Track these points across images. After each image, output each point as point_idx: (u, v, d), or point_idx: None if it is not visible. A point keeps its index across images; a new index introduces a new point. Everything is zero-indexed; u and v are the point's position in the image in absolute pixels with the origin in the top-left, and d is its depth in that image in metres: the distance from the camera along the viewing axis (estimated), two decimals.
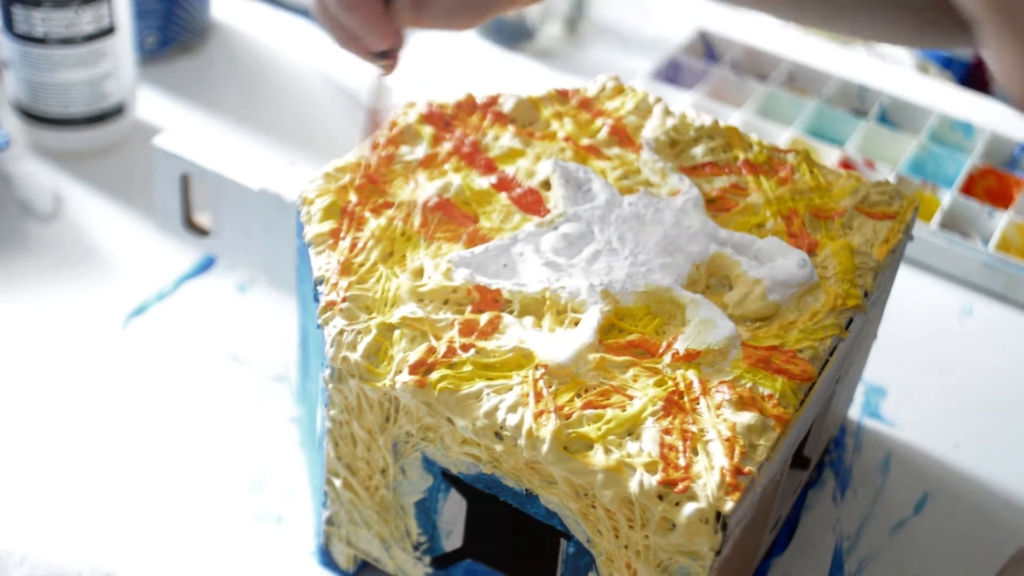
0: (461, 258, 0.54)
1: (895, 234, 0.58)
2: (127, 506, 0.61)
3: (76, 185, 0.80)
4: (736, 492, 0.46)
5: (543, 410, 0.48)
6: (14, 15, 0.76)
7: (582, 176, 0.59)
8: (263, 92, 0.92)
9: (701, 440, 0.47)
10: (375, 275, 0.53)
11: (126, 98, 0.82)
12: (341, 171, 0.58)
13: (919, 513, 0.65)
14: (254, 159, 0.68)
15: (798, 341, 0.52)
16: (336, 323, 0.51)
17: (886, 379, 0.72)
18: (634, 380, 0.50)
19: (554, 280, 0.53)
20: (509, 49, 0.99)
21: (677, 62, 0.96)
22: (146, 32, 0.90)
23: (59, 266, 0.74)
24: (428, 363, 0.49)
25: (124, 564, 0.58)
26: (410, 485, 0.53)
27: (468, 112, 0.63)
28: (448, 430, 0.49)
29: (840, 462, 0.67)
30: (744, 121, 0.88)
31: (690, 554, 0.46)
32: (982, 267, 0.79)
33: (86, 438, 0.64)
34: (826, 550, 0.62)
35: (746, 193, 0.60)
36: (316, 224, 0.55)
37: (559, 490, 0.48)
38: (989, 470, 0.68)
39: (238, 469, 0.63)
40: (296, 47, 0.97)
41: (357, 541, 0.57)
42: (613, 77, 0.66)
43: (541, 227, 0.56)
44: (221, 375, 0.68)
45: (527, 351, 0.50)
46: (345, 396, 0.51)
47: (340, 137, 0.87)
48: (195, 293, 0.73)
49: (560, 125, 0.63)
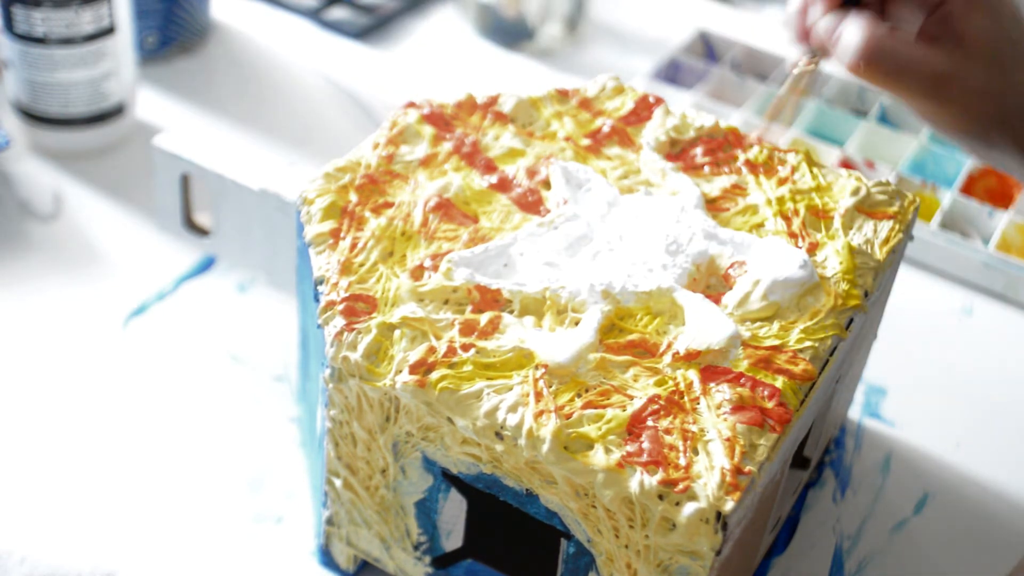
0: (461, 258, 0.54)
1: (895, 234, 0.58)
2: (127, 506, 0.61)
3: (76, 185, 0.80)
4: (736, 492, 0.46)
5: (543, 410, 0.48)
6: (14, 15, 0.76)
7: (582, 176, 0.59)
8: (263, 92, 0.92)
9: (701, 440, 0.47)
10: (375, 275, 0.53)
11: (126, 98, 0.82)
12: (341, 171, 0.58)
13: (919, 513, 0.65)
14: (254, 159, 0.68)
15: (799, 341, 0.52)
16: (336, 323, 0.51)
17: (886, 379, 0.72)
18: (634, 380, 0.50)
19: (554, 280, 0.53)
20: (509, 49, 0.99)
21: (677, 62, 0.96)
22: (146, 32, 0.90)
23: (59, 266, 0.74)
24: (428, 363, 0.49)
25: (124, 564, 0.58)
26: (410, 485, 0.53)
27: (468, 112, 0.63)
28: (448, 430, 0.49)
29: (840, 462, 0.67)
30: (744, 121, 0.88)
31: (690, 554, 0.46)
32: (982, 267, 0.79)
33: (86, 438, 0.64)
34: (826, 550, 0.62)
35: (746, 193, 0.60)
36: (316, 224, 0.55)
37: (559, 490, 0.48)
38: (989, 470, 0.68)
39: (238, 469, 0.63)
40: (296, 47, 0.97)
41: (357, 541, 0.57)
42: (613, 77, 0.66)
43: (541, 227, 0.56)
44: (221, 375, 0.68)
45: (527, 351, 0.50)
46: (345, 396, 0.51)
47: (340, 137, 0.87)
48: (195, 293, 0.73)
49: (560, 125, 0.63)
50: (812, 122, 0.90)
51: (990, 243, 0.80)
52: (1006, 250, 0.81)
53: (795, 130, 0.88)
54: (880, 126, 0.90)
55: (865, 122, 0.90)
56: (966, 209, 0.83)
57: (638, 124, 0.64)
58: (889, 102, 0.93)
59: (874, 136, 0.89)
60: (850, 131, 0.89)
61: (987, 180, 0.86)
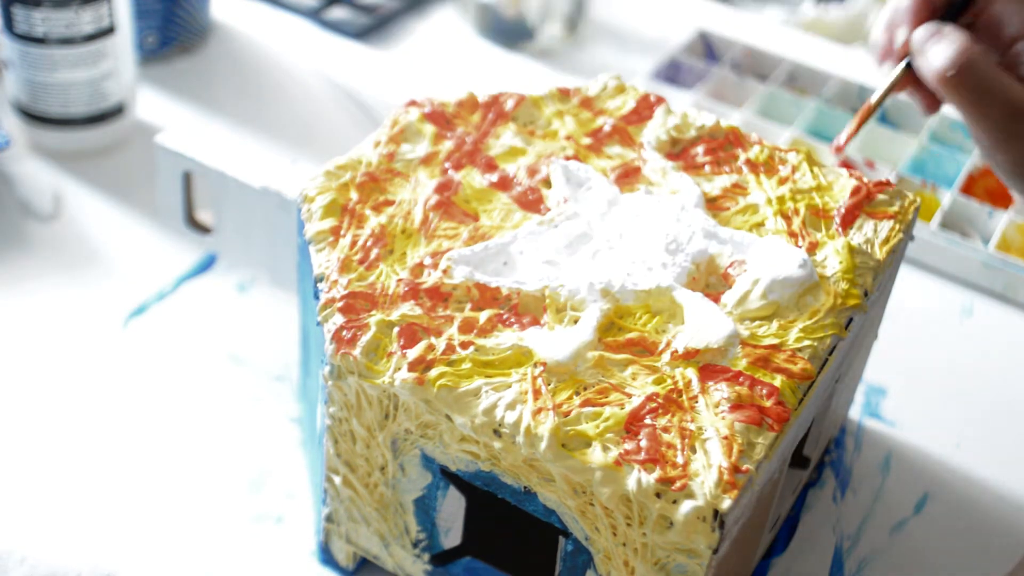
0: (461, 256, 0.54)
1: (895, 234, 0.58)
2: (127, 506, 0.61)
3: (76, 185, 0.80)
4: (734, 490, 0.46)
5: (542, 407, 0.48)
6: (14, 15, 0.76)
7: (583, 174, 0.59)
8: (263, 92, 0.92)
9: (699, 438, 0.47)
10: (375, 272, 0.53)
11: (126, 98, 0.82)
12: (342, 169, 0.58)
13: (919, 513, 0.65)
14: (256, 157, 0.68)
15: (797, 340, 0.52)
16: (336, 320, 0.51)
17: (886, 379, 0.72)
18: (633, 378, 0.50)
19: (554, 278, 0.53)
20: (509, 49, 0.99)
21: (677, 62, 0.96)
22: (146, 32, 0.90)
23: (59, 266, 0.74)
24: (427, 360, 0.49)
25: (124, 564, 0.58)
26: (409, 482, 0.53)
27: (469, 111, 0.63)
28: (447, 427, 0.49)
29: (840, 462, 0.67)
30: (744, 121, 0.88)
31: (688, 552, 0.46)
32: (982, 267, 0.79)
33: (86, 438, 0.64)
34: (826, 550, 0.62)
35: (746, 192, 0.60)
36: (317, 221, 0.56)
37: (557, 487, 0.48)
38: (989, 470, 0.68)
39: (238, 469, 0.63)
40: (296, 47, 0.97)
41: (357, 538, 0.57)
42: (615, 76, 0.66)
43: (541, 225, 0.56)
44: (221, 375, 0.68)
45: (526, 349, 0.50)
46: (344, 393, 0.51)
47: (340, 136, 0.87)
48: (195, 293, 0.73)
49: (561, 124, 0.63)
50: (812, 122, 0.90)
51: (990, 243, 0.80)
52: (1006, 250, 0.81)
53: (795, 130, 0.88)
54: (880, 126, 0.90)
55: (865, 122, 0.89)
56: (966, 209, 0.83)
57: (639, 123, 0.64)
58: (889, 102, 0.93)
59: (874, 136, 0.89)
60: None
61: (987, 180, 0.86)
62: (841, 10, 1.14)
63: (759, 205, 0.59)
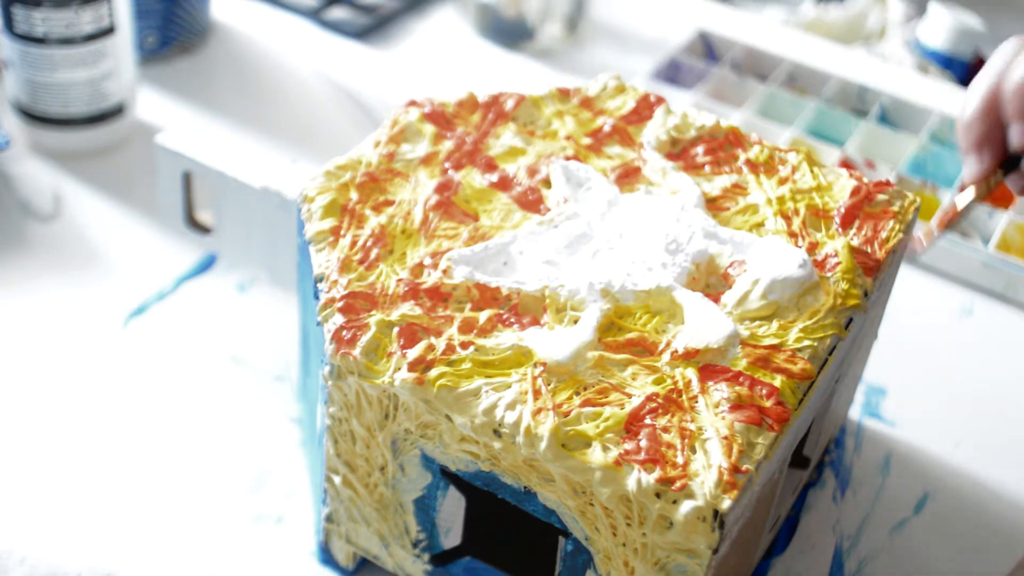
0: (461, 256, 0.54)
1: (895, 234, 0.58)
2: (127, 506, 0.61)
3: (76, 185, 0.80)
4: (734, 490, 0.46)
5: (541, 408, 0.48)
6: (14, 15, 0.76)
7: (583, 175, 0.59)
8: (263, 92, 0.92)
9: (699, 438, 0.47)
10: (375, 272, 0.53)
11: (126, 98, 0.82)
12: (342, 169, 0.58)
13: (919, 513, 0.65)
14: (256, 157, 0.68)
15: (797, 340, 0.52)
16: (335, 320, 0.51)
17: (886, 379, 0.72)
18: (633, 378, 0.50)
19: (554, 278, 0.53)
20: (509, 49, 0.99)
21: (677, 62, 0.96)
22: (146, 32, 0.90)
23: (59, 266, 0.74)
24: (427, 360, 0.49)
25: (124, 564, 0.58)
26: (409, 482, 0.53)
27: (469, 111, 0.63)
28: (447, 427, 0.49)
29: (840, 462, 0.67)
30: (744, 121, 0.88)
31: (687, 552, 0.46)
32: (982, 267, 0.79)
33: (86, 438, 0.64)
34: (826, 550, 0.62)
35: (746, 192, 0.60)
36: (317, 221, 0.56)
37: (557, 488, 0.48)
38: (989, 470, 0.68)
39: (238, 469, 0.63)
40: (296, 47, 0.97)
41: (356, 538, 0.57)
42: (615, 76, 0.66)
43: (541, 225, 0.56)
44: (221, 375, 0.68)
45: (526, 349, 0.50)
46: (344, 393, 0.51)
47: (340, 136, 0.87)
48: (195, 293, 0.73)
49: (561, 124, 0.63)
50: (812, 122, 0.90)
51: (990, 243, 0.80)
52: (1006, 250, 0.81)
53: (795, 130, 0.88)
54: (880, 126, 0.90)
55: (865, 122, 0.90)
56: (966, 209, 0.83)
57: (639, 123, 0.64)
58: (889, 102, 0.93)
59: (874, 136, 0.89)
60: (850, 131, 0.89)
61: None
62: (841, 10, 1.14)
63: (759, 205, 0.59)
